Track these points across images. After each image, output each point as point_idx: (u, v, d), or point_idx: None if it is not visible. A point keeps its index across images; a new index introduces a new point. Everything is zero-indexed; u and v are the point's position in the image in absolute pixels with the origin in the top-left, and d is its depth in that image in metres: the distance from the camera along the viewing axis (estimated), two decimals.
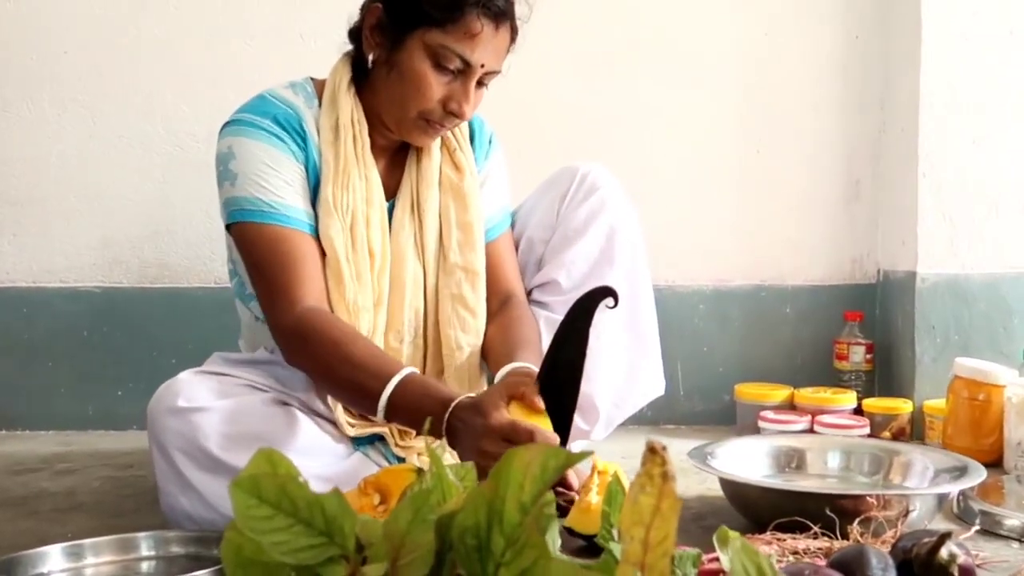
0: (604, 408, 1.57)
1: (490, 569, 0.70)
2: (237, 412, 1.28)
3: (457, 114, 1.34)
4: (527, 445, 0.71)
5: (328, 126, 1.38)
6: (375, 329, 1.37)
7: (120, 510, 1.49)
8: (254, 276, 1.35)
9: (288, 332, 1.30)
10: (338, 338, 1.27)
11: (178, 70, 2.13)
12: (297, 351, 1.30)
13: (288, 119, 1.38)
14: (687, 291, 2.18)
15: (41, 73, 2.12)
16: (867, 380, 2.08)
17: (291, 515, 0.70)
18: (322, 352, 1.27)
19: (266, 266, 1.32)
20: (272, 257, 1.31)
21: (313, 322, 1.28)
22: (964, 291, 1.97)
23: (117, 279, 2.15)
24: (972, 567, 0.98)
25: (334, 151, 1.36)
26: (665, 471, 0.65)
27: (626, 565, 0.66)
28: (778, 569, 0.93)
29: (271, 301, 1.32)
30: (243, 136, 1.35)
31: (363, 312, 1.35)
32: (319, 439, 1.34)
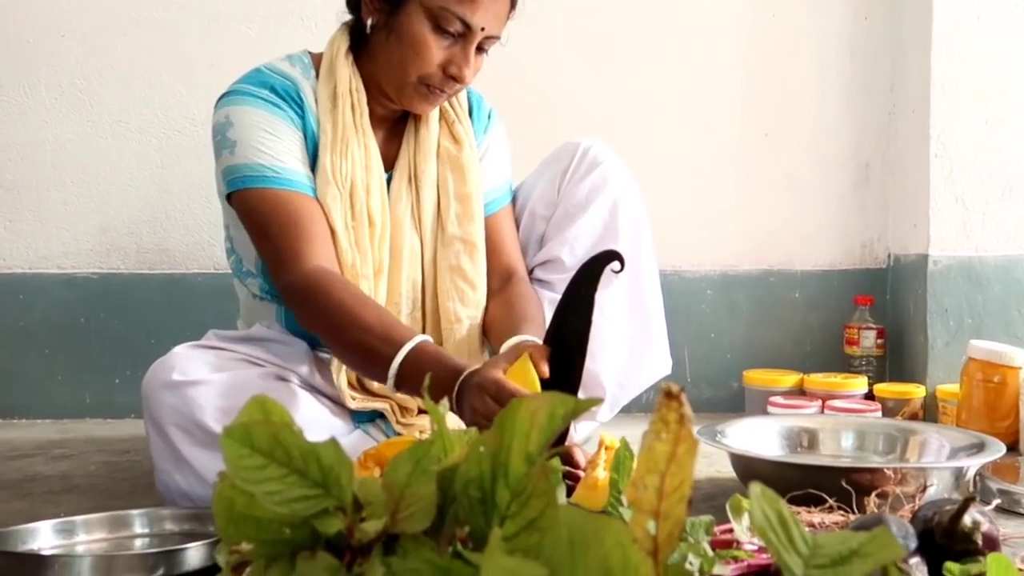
0: (609, 388, 1.54)
1: (495, 522, 0.66)
2: (234, 385, 1.24)
3: (457, 78, 1.31)
4: (535, 394, 0.67)
5: (326, 95, 1.35)
6: (376, 297, 1.34)
7: (115, 492, 1.45)
8: (259, 242, 1.32)
9: (297, 290, 1.26)
10: (348, 299, 1.23)
11: (177, 54, 2.10)
12: (306, 309, 1.26)
13: (286, 89, 1.35)
14: (694, 276, 2.15)
15: (37, 57, 2.10)
16: (878, 365, 2.04)
17: (285, 465, 0.67)
18: (332, 312, 1.22)
19: (271, 228, 1.29)
20: (277, 219, 1.28)
21: (322, 280, 1.25)
22: (977, 274, 1.93)
23: (115, 265, 2.12)
24: (996, 535, 0.94)
25: (332, 120, 1.34)
26: (682, 414, 0.61)
27: (640, 514, 0.62)
28: None
29: (278, 261, 1.28)
30: (240, 105, 1.33)
31: (362, 281, 1.32)
32: (318, 415, 1.31)
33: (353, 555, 0.66)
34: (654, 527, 0.62)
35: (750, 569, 0.88)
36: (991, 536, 0.93)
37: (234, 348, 1.32)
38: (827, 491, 1.12)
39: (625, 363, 1.57)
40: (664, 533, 0.61)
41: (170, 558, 0.99)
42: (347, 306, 1.22)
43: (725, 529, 1.00)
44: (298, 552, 0.69)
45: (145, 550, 1.06)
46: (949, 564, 0.85)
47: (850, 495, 1.10)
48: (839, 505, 1.09)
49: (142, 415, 1.27)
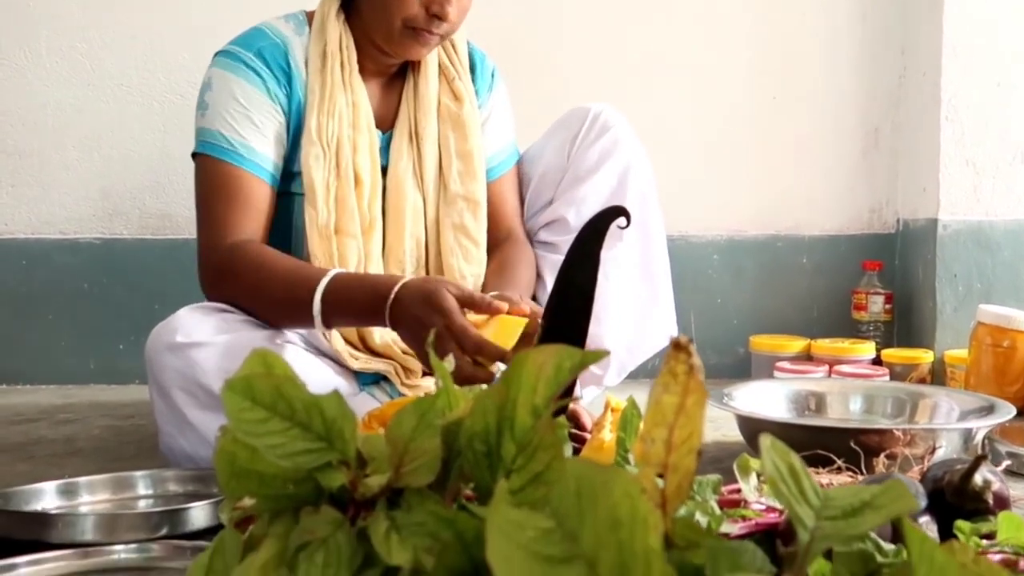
0: (616, 352, 1.53)
1: (501, 475, 0.65)
2: (237, 347, 1.23)
3: (441, 16, 1.30)
4: (541, 347, 0.66)
5: (316, 54, 1.35)
6: (368, 256, 1.34)
7: (119, 455, 1.45)
8: (198, 208, 1.33)
9: (215, 260, 1.28)
10: (266, 261, 1.25)
11: (178, 17, 2.08)
12: (222, 282, 1.28)
13: (274, 54, 1.35)
14: (701, 242, 2.13)
15: (38, 20, 2.07)
16: (886, 331, 2.03)
17: (287, 418, 0.65)
18: (249, 277, 1.25)
19: (209, 200, 1.31)
20: (218, 193, 1.30)
21: (243, 251, 1.27)
22: (987, 238, 1.91)
23: (117, 230, 2.10)
24: (1007, 494, 0.93)
25: (321, 79, 1.34)
26: (691, 365, 0.60)
27: (648, 467, 0.61)
28: None
29: (204, 234, 1.30)
30: (223, 69, 1.34)
31: (347, 238, 1.32)
32: (322, 377, 1.30)
33: (357, 509, 0.65)
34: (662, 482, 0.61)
35: (758, 528, 0.87)
36: (1002, 495, 0.92)
37: (238, 310, 1.31)
38: (835, 452, 1.11)
39: (632, 327, 1.56)
40: (673, 486, 0.60)
41: (174, 517, 0.99)
42: (262, 266, 1.24)
43: (732, 489, 0.99)
44: (302, 507, 0.68)
45: (149, 509, 1.05)
46: (960, 523, 0.84)
47: (858, 456, 1.09)
48: (847, 466, 1.08)
49: (146, 380, 1.26)
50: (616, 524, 0.53)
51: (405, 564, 0.58)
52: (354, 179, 1.34)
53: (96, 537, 0.96)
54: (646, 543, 0.51)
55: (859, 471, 1.08)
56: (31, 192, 2.10)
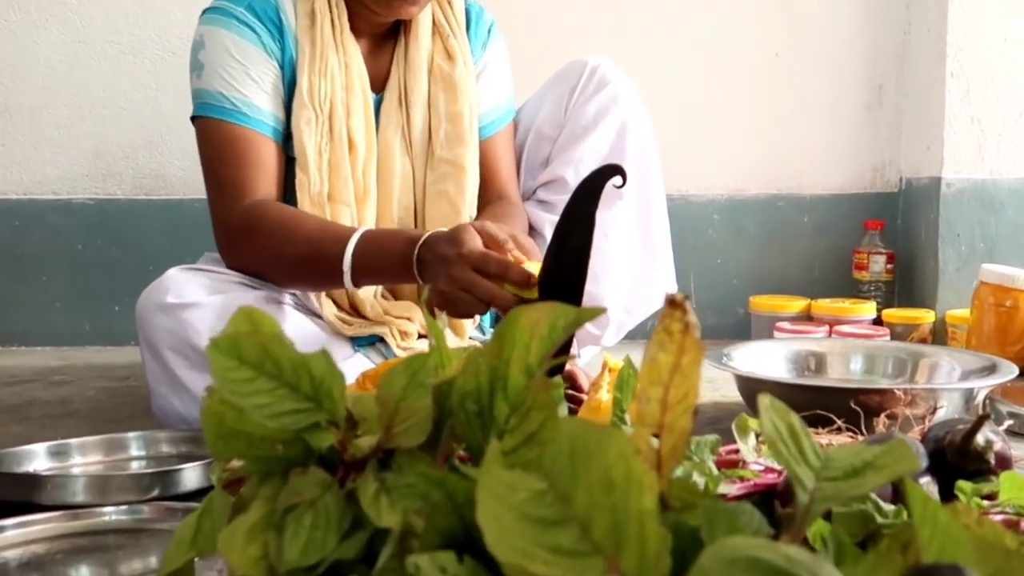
0: (614, 312, 1.52)
1: (493, 436, 0.64)
2: (230, 308, 1.19)
3: None
4: (534, 305, 0.64)
5: (304, 12, 1.31)
6: (361, 224, 1.31)
7: (114, 416, 1.44)
8: (206, 172, 1.30)
9: (234, 226, 1.25)
10: (287, 220, 1.22)
11: None
12: (244, 243, 1.25)
13: (264, 7, 1.31)
14: (701, 201, 2.10)
15: None
16: (887, 291, 2.01)
17: (274, 377, 0.64)
18: (272, 237, 1.22)
19: (218, 163, 1.27)
20: (225, 155, 1.27)
21: (261, 212, 1.23)
22: (991, 197, 1.89)
23: (111, 191, 2.08)
24: (1009, 454, 0.91)
25: (310, 38, 1.30)
26: (686, 323, 0.58)
27: (642, 427, 0.60)
28: None
29: (218, 197, 1.27)
30: (215, 25, 1.30)
31: (340, 206, 1.29)
32: (317, 339, 1.28)
33: (346, 471, 0.64)
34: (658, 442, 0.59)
35: (756, 488, 0.86)
36: (1004, 455, 0.90)
37: (229, 271, 1.29)
38: (835, 413, 1.10)
39: (630, 287, 1.54)
40: (668, 446, 0.59)
41: (165, 479, 0.98)
42: (286, 226, 1.21)
43: (731, 450, 0.98)
44: (291, 468, 0.67)
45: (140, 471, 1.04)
46: (961, 483, 0.83)
47: (859, 417, 1.08)
48: (847, 426, 1.07)
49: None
50: (610, 486, 0.51)
51: (394, 526, 0.57)
52: (348, 144, 1.31)
53: (87, 499, 0.95)
54: (641, 505, 0.50)
55: (859, 431, 1.07)
56: (22, 151, 2.07)
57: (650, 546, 0.49)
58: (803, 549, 0.52)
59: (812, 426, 1.08)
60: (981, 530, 0.54)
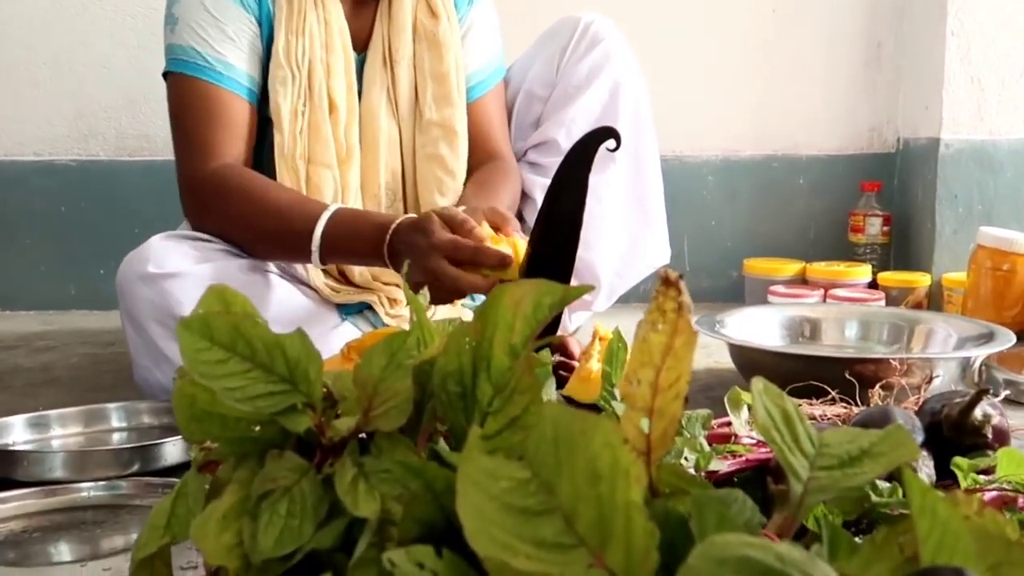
0: (606, 277, 1.49)
1: (476, 419, 0.61)
2: (214, 278, 1.19)
3: None
4: (519, 282, 0.61)
5: None
6: (345, 187, 1.28)
7: (97, 385, 1.41)
8: (174, 131, 1.27)
9: (199, 186, 1.22)
10: (258, 189, 1.19)
11: None
12: (209, 208, 1.23)
13: None
14: (695, 162, 2.07)
15: None
16: (883, 254, 1.99)
17: (247, 359, 0.61)
18: (241, 204, 1.19)
19: (188, 121, 1.24)
20: (196, 113, 1.23)
21: (230, 175, 1.20)
22: (990, 158, 1.85)
23: (93, 152, 2.04)
24: (1006, 428, 0.90)
25: None
26: (680, 303, 0.56)
27: (633, 411, 0.57)
28: None
29: (184, 157, 1.24)
30: None
31: (321, 169, 1.25)
32: (302, 307, 1.26)
33: (324, 454, 0.62)
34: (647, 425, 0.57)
35: (748, 464, 0.84)
36: (1001, 429, 0.89)
37: (214, 239, 1.26)
38: (830, 382, 1.08)
39: (623, 251, 1.51)
40: (658, 432, 0.56)
41: (145, 453, 0.96)
42: (256, 195, 1.18)
43: (723, 423, 0.96)
44: (268, 450, 0.65)
45: (119, 445, 1.02)
46: (957, 459, 0.81)
47: (853, 387, 1.06)
48: (842, 397, 1.05)
49: None
50: (595, 476, 0.49)
51: (371, 516, 0.54)
52: (328, 105, 1.27)
53: (65, 475, 0.93)
54: (627, 497, 0.48)
55: (854, 402, 1.05)
56: (1, 112, 2.02)
57: (637, 541, 0.47)
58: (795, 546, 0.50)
59: (806, 397, 1.07)
60: (981, 521, 0.52)
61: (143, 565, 0.65)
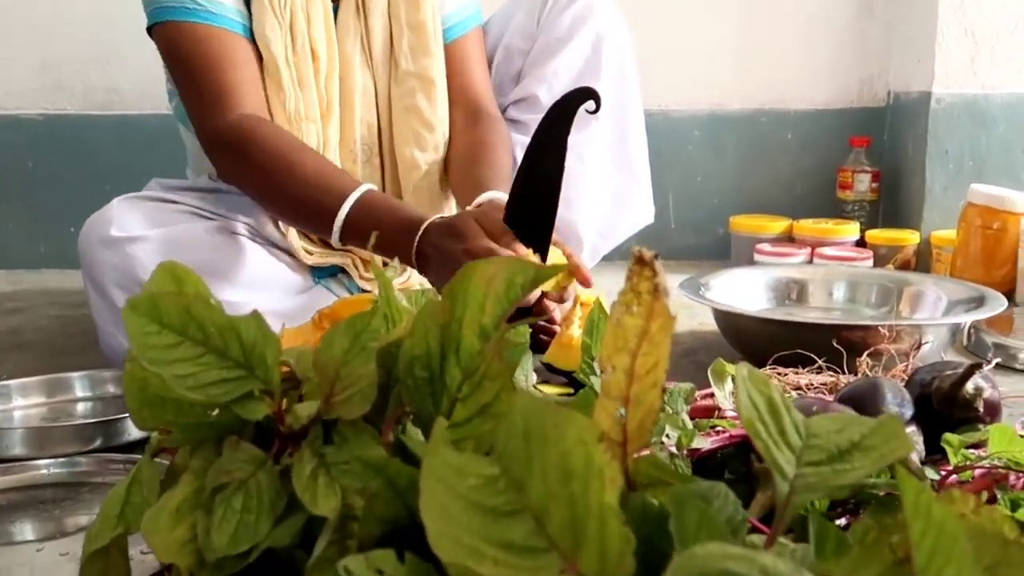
0: (588, 237, 1.46)
1: (444, 405, 0.58)
2: (178, 241, 1.14)
3: None
4: (488, 258, 0.58)
5: None
6: (326, 143, 1.22)
7: (64, 349, 1.38)
8: (181, 82, 1.19)
9: (223, 140, 1.15)
10: (284, 149, 1.12)
11: None
12: (235, 162, 1.15)
13: None
14: (681, 116, 2.02)
15: None
16: (871, 211, 1.95)
17: (200, 343, 0.57)
18: (266, 164, 1.12)
19: (195, 69, 1.16)
20: (202, 60, 1.15)
21: (254, 129, 1.13)
22: (983, 113, 1.81)
23: (61, 105, 1.97)
24: (998, 402, 0.87)
25: None
26: (656, 285, 0.52)
27: (607, 399, 0.54)
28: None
29: (201, 106, 1.16)
30: None
31: (308, 123, 1.20)
32: (273, 271, 1.22)
33: (283, 443, 0.58)
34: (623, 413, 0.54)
35: (731, 440, 0.81)
36: (993, 403, 0.86)
37: (179, 199, 1.22)
38: (816, 349, 1.05)
39: (606, 211, 1.48)
40: (635, 422, 0.53)
41: (108, 429, 0.92)
42: (282, 155, 1.11)
43: (706, 394, 0.93)
44: (226, 436, 0.61)
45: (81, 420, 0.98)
46: (948, 436, 0.79)
47: (840, 353, 1.03)
48: (829, 365, 1.02)
49: None
50: (568, 475, 0.45)
51: (330, 514, 0.51)
52: (311, 55, 1.21)
53: (25, 451, 0.90)
54: (601, 499, 0.44)
55: (841, 370, 1.03)
56: None
57: (612, 546, 0.44)
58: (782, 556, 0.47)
59: (792, 365, 1.04)
60: (978, 519, 0.49)
61: (96, 557, 0.62)
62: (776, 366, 1.03)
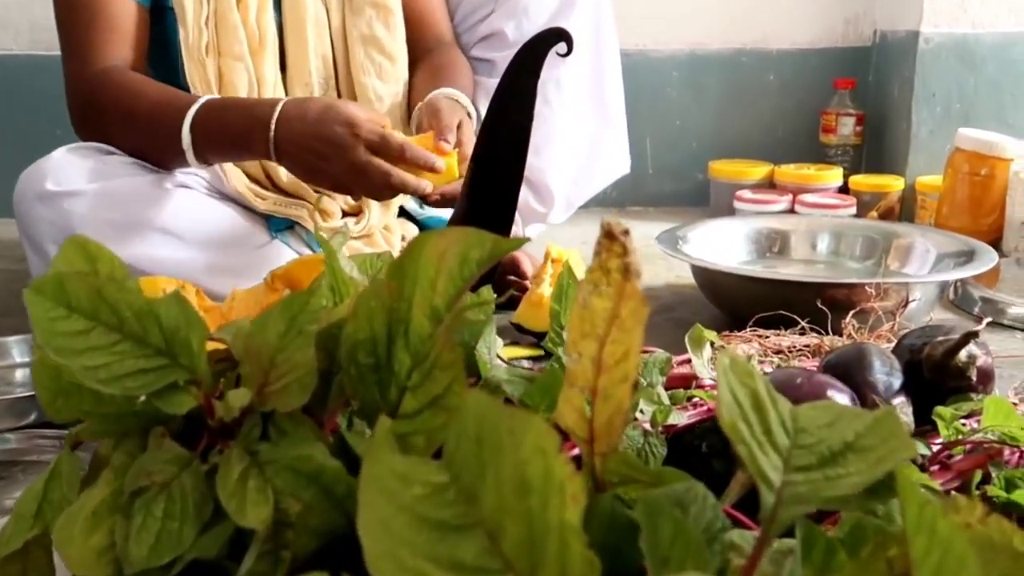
0: (562, 187, 1.39)
1: (393, 394, 0.52)
2: (121, 195, 1.07)
3: None
4: (442, 230, 0.51)
5: None
6: (262, 80, 1.15)
7: (7, 309, 1.30)
8: (60, 38, 1.14)
9: (81, 97, 1.11)
10: (130, 88, 1.08)
11: None
12: (90, 116, 1.11)
13: None
14: (659, 57, 1.94)
15: None
16: (855, 155, 1.89)
17: (114, 329, 0.51)
18: (114, 107, 1.08)
19: (69, 24, 1.12)
20: (76, 15, 1.11)
21: (106, 80, 1.09)
22: (971, 53, 1.74)
23: (6, 45, 1.86)
24: (991, 369, 0.82)
25: None
26: (626, 264, 0.46)
27: (572, 389, 0.48)
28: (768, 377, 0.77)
29: (67, 64, 1.12)
30: None
31: (232, 61, 1.12)
32: (225, 225, 1.14)
33: (213, 438, 0.52)
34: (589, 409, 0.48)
35: (710, 414, 0.76)
36: (986, 370, 0.81)
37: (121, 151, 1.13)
38: (799, 307, 1.00)
39: (581, 160, 1.41)
40: (602, 418, 0.47)
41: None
42: (133, 95, 1.07)
43: (683, 360, 0.88)
44: (152, 427, 0.55)
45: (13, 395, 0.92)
46: (940, 409, 0.74)
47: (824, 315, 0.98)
48: (812, 327, 0.96)
49: None
50: (524, 488, 0.40)
51: (259, 526, 0.45)
52: None
53: None
54: (562, 517, 0.39)
55: (825, 331, 0.97)
56: None
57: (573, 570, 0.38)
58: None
59: (774, 327, 0.98)
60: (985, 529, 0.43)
61: (13, 560, 0.56)
62: (757, 328, 0.97)
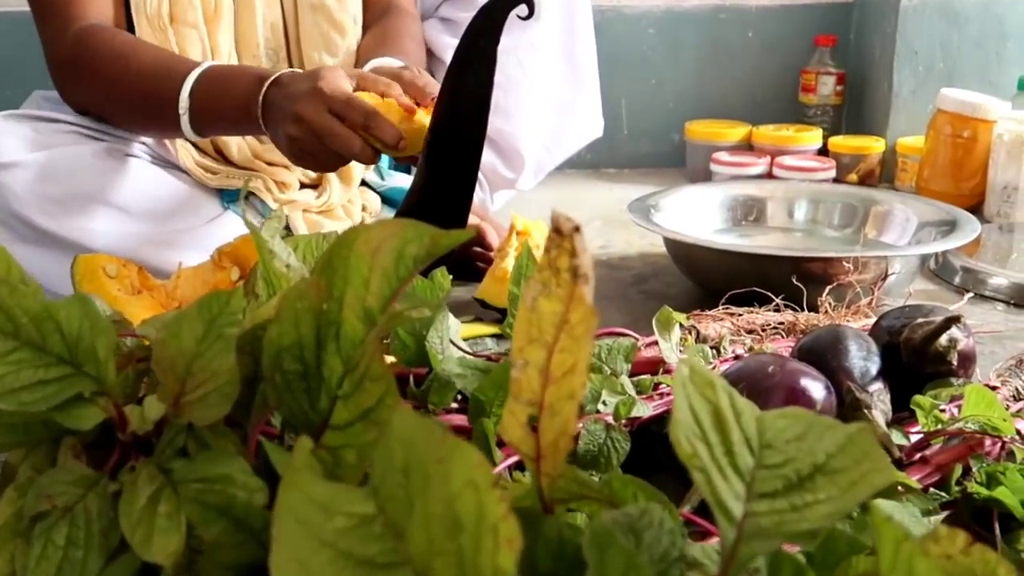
0: (532, 152, 1.34)
1: (323, 403, 0.48)
2: (61, 167, 1.01)
3: None
4: (376, 223, 0.46)
5: None
6: (215, 49, 1.08)
7: None
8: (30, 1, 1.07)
9: (63, 58, 1.03)
10: (120, 48, 1.00)
11: None
12: (75, 78, 1.04)
13: None
14: (634, 13, 1.87)
15: None
16: (835, 116, 1.84)
17: (9, 336, 0.46)
18: (104, 68, 1.00)
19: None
20: None
21: (91, 38, 1.01)
22: (955, 10, 1.69)
23: None
24: (973, 352, 0.79)
25: None
26: (576, 266, 0.41)
27: (515, 402, 0.44)
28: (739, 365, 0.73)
29: (44, 24, 1.06)
30: None
31: (186, 29, 1.06)
32: (174, 195, 1.08)
33: (125, 453, 0.47)
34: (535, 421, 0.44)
35: None
36: (967, 354, 0.77)
37: (64, 117, 1.07)
38: (774, 281, 0.95)
39: (552, 123, 1.37)
40: (549, 437, 0.43)
41: None
42: (120, 57, 0.99)
43: (651, 342, 0.83)
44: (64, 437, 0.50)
45: None
46: (918, 398, 0.70)
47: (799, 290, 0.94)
48: (787, 304, 0.92)
49: None
50: (455, 526, 0.35)
51: (166, 561, 0.40)
52: None
53: None
54: (495, 563, 0.34)
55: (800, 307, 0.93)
56: None
57: None
58: None
59: (748, 304, 0.94)
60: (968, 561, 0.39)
61: None
62: (729, 305, 0.93)
